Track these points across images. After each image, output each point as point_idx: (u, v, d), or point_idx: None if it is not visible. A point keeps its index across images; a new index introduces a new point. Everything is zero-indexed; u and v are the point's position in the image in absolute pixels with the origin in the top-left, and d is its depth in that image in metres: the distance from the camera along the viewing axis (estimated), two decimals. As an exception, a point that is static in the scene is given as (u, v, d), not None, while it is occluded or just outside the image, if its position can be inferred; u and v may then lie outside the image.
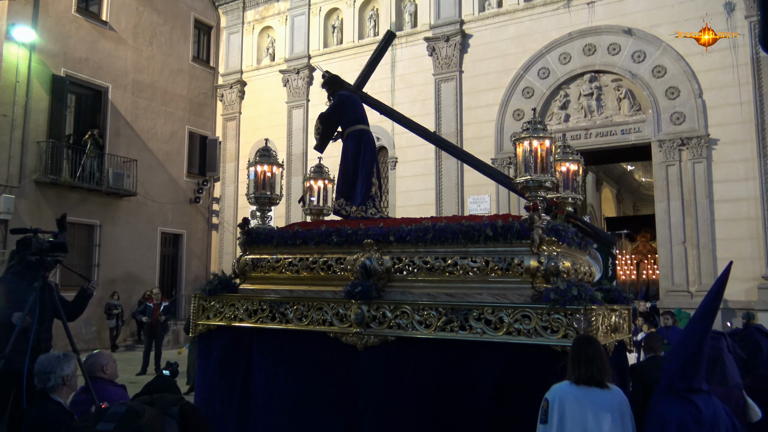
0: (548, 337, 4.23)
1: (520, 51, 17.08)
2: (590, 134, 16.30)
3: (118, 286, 18.13)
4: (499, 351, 4.39)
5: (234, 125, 21.77)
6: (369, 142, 6.18)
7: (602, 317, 4.40)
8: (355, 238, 5.09)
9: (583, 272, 4.81)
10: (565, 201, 5.27)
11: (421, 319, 4.63)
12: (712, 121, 14.72)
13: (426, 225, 4.85)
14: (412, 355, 4.66)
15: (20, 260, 5.17)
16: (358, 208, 5.91)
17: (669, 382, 3.51)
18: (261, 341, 5.22)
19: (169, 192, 20.32)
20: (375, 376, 4.74)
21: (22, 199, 16.12)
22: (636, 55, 15.65)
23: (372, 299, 4.79)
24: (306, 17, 20.57)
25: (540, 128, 4.67)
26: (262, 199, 5.79)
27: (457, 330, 4.51)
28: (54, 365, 3.85)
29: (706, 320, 3.54)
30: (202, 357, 5.53)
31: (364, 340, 4.79)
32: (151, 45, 20.00)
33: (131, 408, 3.15)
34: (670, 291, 14.86)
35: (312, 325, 5.01)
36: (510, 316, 4.36)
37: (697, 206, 14.66)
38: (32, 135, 16.49)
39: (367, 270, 4.86)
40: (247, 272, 5.61)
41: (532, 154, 4.63)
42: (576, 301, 4.16)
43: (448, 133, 17.52)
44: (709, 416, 3.37)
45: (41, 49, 16.78)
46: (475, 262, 4.66)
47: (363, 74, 6.71)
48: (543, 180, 4.62)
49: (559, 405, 3.45)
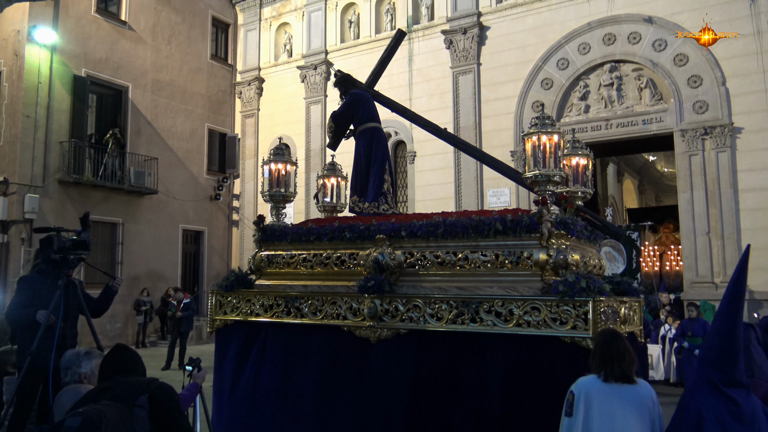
0: (557, 329, 4.33)
1: (539, 42, 17.05)
2: (611, 125, 16.24)
3: (141, 283, 18.50)
4: (510, 342, 4.50)
5: (253, 122, 22.03)
6: (381, 139, 6.33)
7: (611, 309, 4.49)
8: (368, 233, 5.23)
9: (593, 265, 4.90)
10: (575, 195, 5.36)
11: (432, 312, 4.76)
12: (736, 110, 14.59)
13: (437, 220, 4.97)
14: (425, 347, 4.79)
15: (44, 259, 5.24)
16: (371, 204, 6.07)
17: (705, 376, 3.34)
18: (276, 336, 5.38)
19: (190, 189, 20.66)
20: (388, 368, 4.87)
21: (46, 199, 16.52)
22: (657, 44, 15.55)
23: (384, 293, 4.93)
24: (323, 13, 20.72)
25: (548, 123, 4.77)
26: (277, 197, 5.96)
27: (468, 322, 4.63)
28: (72, 362, 3.91)
29: (734, 306, 3.36)
30: (219, 351, 5.71)
31: (377, 334, 4.93)
32: (170, 44, 20.30)
33: (88, 419, 2.76)
34: (695, 282, 14.79)
35: (326, 319, 5.17)
36: (520, 308, 4.47)
37: (721, 196, 14.56)
38: (55, 135, 16.88)
39: (380, 265, 5.00)
40: (263, 268, 5.78)
41: (541, 149, 4.73)
42: (584, 293, 4.26)
43: (466, 126, 17.61)
44: (748, 411, 3.22)
45: (62, 50, 17.15)
46: (485, 255, 4.78)
47: (374, 72, 6.84)
48: (551, 174, 4.72)
49: (586, 399, 3.43)
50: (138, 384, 3.07)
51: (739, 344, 3.32)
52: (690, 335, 10.80)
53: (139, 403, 2.95)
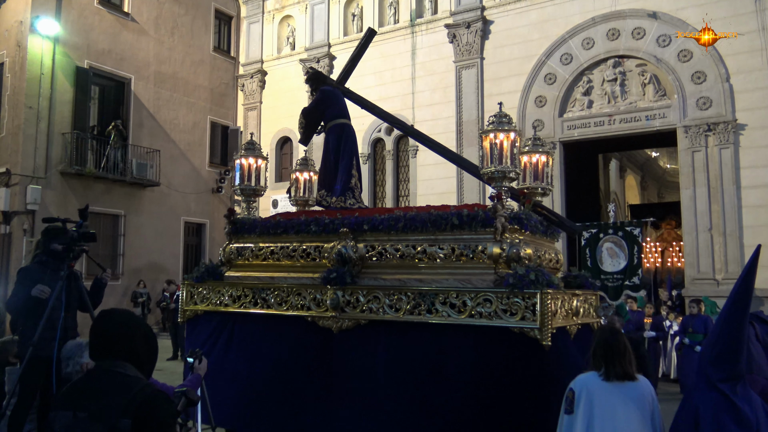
0: (507, 320, 4.56)
1: (542, 37, 17.17)
2: (614, 120, 16.34)
3: (143, 275, 18.84)
4: (464, 333, 4.73)
5: (255, 115, 22.32)
6: (349, 135, 6.58)
7: (561, 301, 4.71)
8: (332, 227, 5.49)
9: (548, 259, 5.11)
10: (535, 191, 5.56)
11: (391, 303, 5.00)
12: (740, 106, 14.66)
13: (397, 214, 5.22)
14: (384, 337, 5.04)
15: (44, 250, 5.30)
16: (338, 199, 6.32)
17: (704, 374, 3.38)
18: (243, 325, 5.66)
19: (192, 182, 21.00)
20: (349, 357, 5.13)
21: (48, 190, 16.87)
22: (661, 39, 15.62)
23: (346, 285, 5.18)
24: (326, 5, 20.92)
25: (505, 122, 4.99)
26: (247, 191, 6.23)
27: (425, 313, 4.87)
28: (73, 352, 4.02)
29: (739, 305, 3.34)
30: (189, 341, 5.98)
31: (339, 324, 5.18)
32: (173, 36, 20.63)
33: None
34: (696, 279, 14.90)
35: (291, 309, 5.43)
36: (473, 300, 4.70)
37: (723, 193, 14.65)
38: (57, 127, 17.23)
39: (343, 257, 5.24)
40: (233, 260, 6.07)
41: (498, 146, 4.93)
42: (533, 286, 4.48)
43: (469, 121, 17.80)
44: (746, 409, 3.24)
45: (65, 41, 17.48)
46: (442, 249, 5.01)
47: (345, 70, 7.09)
48: (507, 171, 4.93)
49: (587, 397, 3.49)
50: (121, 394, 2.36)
51: (743, 342, 3.35)
52: (691, 331, 10.92)
53: (120, 427, 2.29)
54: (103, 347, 2.49)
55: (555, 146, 16.81)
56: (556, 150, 16.83)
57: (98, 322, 2.56)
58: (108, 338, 2.49)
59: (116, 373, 2.43)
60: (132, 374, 2.44)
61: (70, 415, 2.35)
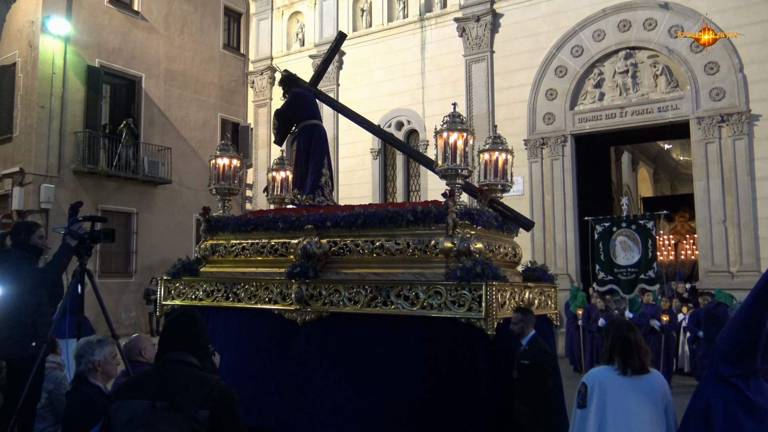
0: (455, 311, 4.91)
1: (553, 29, 17.34)
2: (626, 112, 16.47)
3: (155, 272, 19.39)
4: (418, 324, 5.11)
5: (265, 111, 22.76)
6: (320, 135, 7.00)
7: (510, 293, 5.04)
8: (299, 224, 5.90)
9: (504, 253, 5.44)
10: (494, 188, 5.88)
11: (350, 296, 5.39)
12: (754, 96, 14.72)
13: (358, 211, 5.60)
14: (345, 328, 5.43)
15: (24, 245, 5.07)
16: (308, 197, 6.73)
17: (714, 368, 3.39)
18: (216, 318, 6.09)
19: (203, 179, 21.34)
20: (313, 348, 5.53)
21: (61, 189, 17.47)
22: (673, 30, 15.71)
23: (309, 279, 5.58)
24: (335, 1, 21.25)
25: (458, 122, 5.33)
26: (222, 190, 6.67)
27: (381, 305, 5.25)
28: (86, 350, 4.10)
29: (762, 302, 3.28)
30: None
31: (303, 316, 5.60)
32: (182, 34, 21.18)
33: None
34: (710, 271, 15.01)
35: (260, 303, 5.85)
36: (425, 292, 5.07)
37: (737, 184, 14.74)
38: (69, 125, 17.84)
39: (307, 253, 5.64)
40: (208, 256, 6.52)
41: (451, 145, 5.27)
42: (479, 278, 4.82)
43: (479, 115, 18.03)
44: (760, 401, 3.24)
45: (76, 40, 18.08)
46: (398, 244, 5.39)
47: (317, 73, 7.52)
48: (459, 168, 5.26)
49: (600, 391, 3.52)
50: (199, 387, 2.57)
51: (761, 338, 3.31)
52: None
53: (199, 419, 2.49)
54: (175, 340, 2.73)
55: (566, 139, 17.01)
56: (568, 143, 17.03)
57: (174, 318, 2.85)
58: (180, 332, 2.75)
59: (187, 363, 2.65)
60: (201, 367, 2.69)
61: (147, 404, 2.49)
